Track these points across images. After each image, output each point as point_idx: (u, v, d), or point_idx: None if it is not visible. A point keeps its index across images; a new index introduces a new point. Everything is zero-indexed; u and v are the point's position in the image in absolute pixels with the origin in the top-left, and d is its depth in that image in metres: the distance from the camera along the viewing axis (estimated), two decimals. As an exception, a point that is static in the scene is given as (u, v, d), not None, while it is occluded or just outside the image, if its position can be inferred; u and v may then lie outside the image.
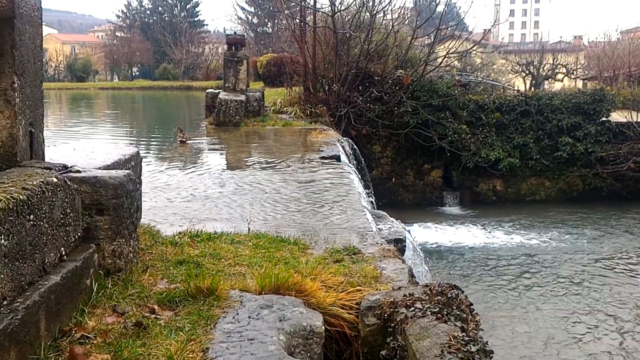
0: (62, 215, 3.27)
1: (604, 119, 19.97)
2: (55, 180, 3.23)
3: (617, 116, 20.44)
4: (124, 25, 77.26)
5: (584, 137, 19.71)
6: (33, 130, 3.62)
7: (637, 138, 19.52)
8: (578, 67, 40.39)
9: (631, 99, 21.94)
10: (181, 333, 3.14)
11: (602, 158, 19.63)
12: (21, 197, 2.82)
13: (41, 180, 3.11)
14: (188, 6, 75.66)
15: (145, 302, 3.50)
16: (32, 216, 2.90)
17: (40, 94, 3.73)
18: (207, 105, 16.51)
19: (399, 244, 5.86)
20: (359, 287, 4.07)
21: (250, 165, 9.79)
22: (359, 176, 10.55)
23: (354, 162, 12.74)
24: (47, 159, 3.83)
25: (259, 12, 60.64)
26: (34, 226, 2.93)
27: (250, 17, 63.77)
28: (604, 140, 19.73)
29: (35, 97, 3.64)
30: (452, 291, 3.69)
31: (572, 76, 40.03)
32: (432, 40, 19.71)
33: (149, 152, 12.89)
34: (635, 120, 20.00)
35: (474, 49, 24.01)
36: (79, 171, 3.73)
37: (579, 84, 38.13)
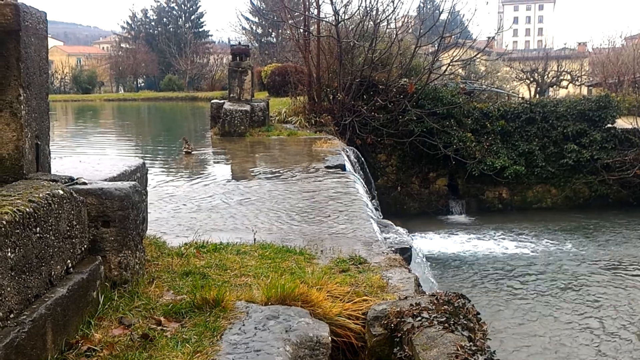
0: (68, 228, 3.27)
1: (609, 125, 19.93)
2: (61, 192, 3.24)
3: (622, 122, 20.40)
4: (129, 36, 77.70)
5: (590, 144, 19.66)
6: (39, 143, 3.63)
7: (643, 145, 19.46)
8: (582, 73, 40.39)
9: (636, 105, 21.91)
10: (187, 345, 3.13)
11: (608, 165, 19.57)
12: (27, 209, 2.83)
13: (47, 192, 3.12)
14: (193, 17, 76.09)
15: (152, 314, 3.50)
16: (38, 229, 2.91)
17: (46, 106, 3.74)
18: (212, 115, 16.57)
19: (405, 253, 5.84)
20: (365, 297, 4.06)
21: (256, 175, 9.81)
22: (364, 185, 10.54)
23: (359, 171, 12.74)
24: (53, 171, 3.85)
25: (263, 23, 60.85)
26: (41, 239, 2.93)
27: (254, 28, 64.05)
28: (610, 147, 19.68)
29: (41, 110, 3.65)
30: (459, 300, 3.67)
31: (577, 83, 40.01)
32: (436, 48, 19.73)
33: (154, 163, 12.91)
34: (641, 126, 19.95)
35: (478, 56, 24.02)
36: (85, 183, 3.74)
37: (584, 90, 38.10)
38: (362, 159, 14.96)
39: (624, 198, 19.77)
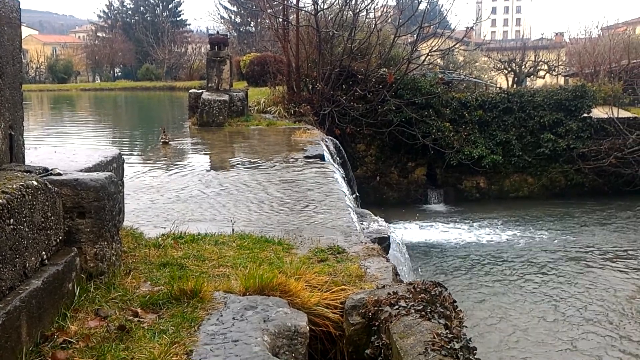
0: (42, 219, 3.23)
1: (585, 115, 20.20)
2: (35, 183, 3.20)
3: (598, 112, 20.67)
4: (106, 25, 76.60)
5: (566, 133, 19.92)
6: (13, 133, 3.58)
7: (618, 134, 19.76)
8: (559, 63, 40.72)
9: (612, 95, 22.19)
10: (165, 336, 3.12)
11: (584, 154, 19.85)
12: (1, 201, 2.79)
13: (21, 183, 3.07)
14: (170, 6, 75.18)
15: (128, 305, 3.48)
16: (12, 220, 2.87)
17: (20, 96, 3.69)
18: (190, 105, 16.43)
19: (383, 243, 5.87)
20: (343, 287, 4.08)
21: (234, 165, 9.77)
22: (343, 175, 10.56)
23: (338, 161, 12.75)
24: (27, 162, 3.79)
25: (242, 12, 60.44)
26: (14, 230, 2.90)
27: (233, 17, 63.57)
28: (586, 136, 19.95)
29: (15, 100, 3.59)
30: (436, 289, 3.70)
31: (554, 73, 40.34)
32: (415, 38, 19.80)
33: (132, 154, 12.80)
34: (616, 116, 20.22)
35: (456, 46, 24.13)
36: (60, 174, 3.69)
37: (561, 80, 38.40)
38: (342, 149, 14.97)
39: (599, 187, 20.08)
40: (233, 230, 5.49)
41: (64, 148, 5.20)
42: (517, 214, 18.04)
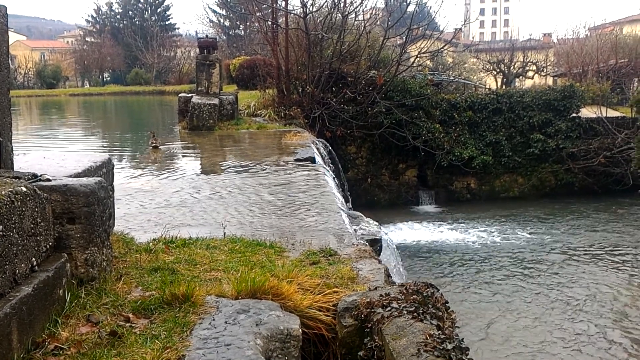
0: (32, 225, 3.21)
1: (574, 115, 20.32)
2: (24, 189, 3.18)
3: (587, 112, 20.80)
4: (94, 30, 76.30)
5: (555, 133, 20.02)
6: (1, 140, 3.56)
7: (606, 133, 19.89)
8: (548, 64, 40.91)
9: (600, 94, 22.33)
10: (157, 341, 3.11)
11: (573, 154, 19.96)
12: (-11, 207, 2.77)
13: (10, 190, 3.05)
14: (159, 10, 75.04)
15: (120, 311, 3.46)
16: (1, 227, 2.85)
17: (8, 102, 3.66)
18: (180, 109, 16.38)
19: (375, 244, 5.88)
20: (335, 289, 4.07)
21: (225, 169, 9.75)
22: (334, 177, 10.56)
23: (329, 163, 12.76)
24: (16, 168, 3.77)
25: (231, 15, 60.36)
26: (4, 237, 2.88)
27: (222, 20, 63.48)
28: (575, 136, 20.07)
29: (3, 105, 3.57)
30: (428, 290, 3.71)
31: (542, 73, 40.53)
32: (404, 40, 19.84)
33: (122, 159, 12.75)
34: (604, 115, 20.35)
35: (445, 48, 24.21)
36: (49, 180, 3.67)
37: (549, 80, 38.60)
38: (332, 151, 14.98)
39: (588, 186, 20.20)
40: (224, 234, 5.48)
41: (53, 153, 5.16)
42: (508, 214, 18.11)
